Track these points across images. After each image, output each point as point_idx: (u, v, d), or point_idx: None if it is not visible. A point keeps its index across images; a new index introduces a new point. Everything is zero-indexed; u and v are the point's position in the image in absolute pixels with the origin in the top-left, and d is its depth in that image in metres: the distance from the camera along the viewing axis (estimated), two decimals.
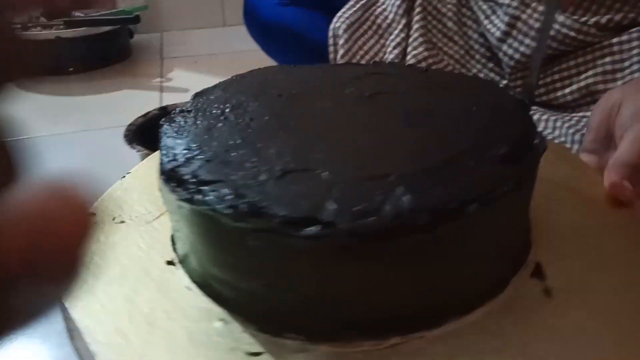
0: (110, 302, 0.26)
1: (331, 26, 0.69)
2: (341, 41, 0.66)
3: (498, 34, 0.62)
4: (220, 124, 0.28)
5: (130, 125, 0.65)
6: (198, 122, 0.29)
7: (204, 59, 1.26)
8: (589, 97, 0.57)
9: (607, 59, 0.56)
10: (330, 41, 0.68)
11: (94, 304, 0.25)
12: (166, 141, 0.27)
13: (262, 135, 0.27)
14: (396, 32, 0.69)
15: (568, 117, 0.58)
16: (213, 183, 0.23)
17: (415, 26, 0.69)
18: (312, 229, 0.21)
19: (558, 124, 0.56)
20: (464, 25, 0.70)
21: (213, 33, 1.43)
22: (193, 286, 0.27)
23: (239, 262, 0.24)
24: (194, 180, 0.24)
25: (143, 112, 0.71)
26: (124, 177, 0.35)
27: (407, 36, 0.69)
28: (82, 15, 1.17)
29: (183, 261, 0.28)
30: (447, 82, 0.33)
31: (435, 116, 0.30)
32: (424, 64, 0.65)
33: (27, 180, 0.10)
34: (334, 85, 0.33)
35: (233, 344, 0.23)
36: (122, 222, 0.31)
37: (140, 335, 0.24)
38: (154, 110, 0.70)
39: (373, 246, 0.21)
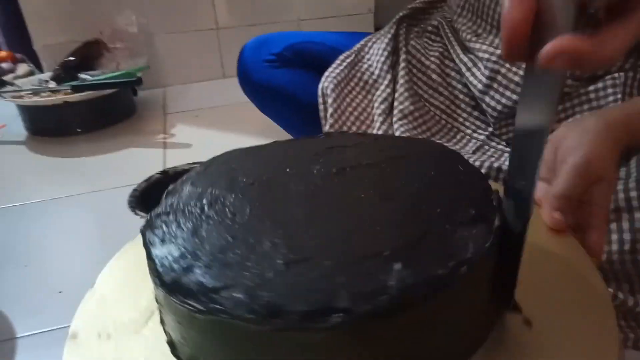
0: None
1: (320, 85, 0.72)
2: (330, 100, 0.69)
3: (480, 86, 0.65)
4: (204, 224, 0.28)
5: (134, 191, 0.68)
6: (181, 225, 0.28)
7: (205, 112, 1.30)
8: None
9: (585, 106, 0.58)
10: (320, 100, 0.70)
11: None
12: (155, 252, 0.27)
13: (251, 230, 0.28)
14: (382, 87, 0.72)
15: None
16: (223, 289, 0.24)
17: (401, 81, 0.71)
18: (333, 318, 0.22)
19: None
20: (447, 77, 0.72)
21: (213, 85, 1.48)
22: None
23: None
24: (202, 289, 0.24)
25: (148, 171, 0.74)
26: (93, 286, 0.34)
27: (394, 90, 0.72)
28: (88, 78, 1.23)
29: None
30: (401, 149, 0.36)
31: (403, 186, 0.31)
32: (410, 117, 0.68)
33: None
34: (299, 165, 0.34)
35: None
36: (109, 337, 0.30)
37: None
38: (156, 174, 0.73)
39: (384, 324, 0.23)
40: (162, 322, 0.30)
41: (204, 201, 0.30)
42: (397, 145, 0.37)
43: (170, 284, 0.25)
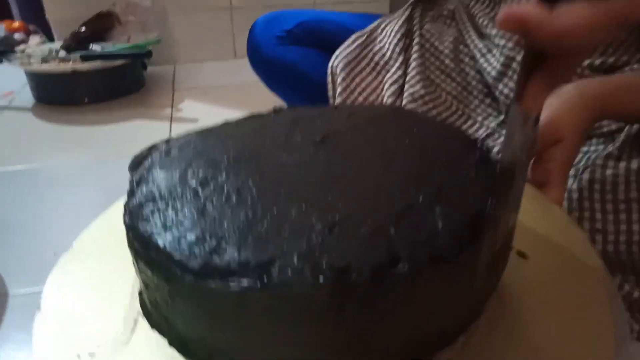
0: None
1: (330, 64, 0.70)
2: (339, 79, 0.68)
3: (494, 73, 0.63)
4: (209, 205, 0.25)
5: (135, 157, 0.67)
6: (178, 210, 0.25)
7: (214, 90, 1.29)
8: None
9: None
10: (329, 78, 0.69)
11: None
12: (161, 241, 0.23)
13: (268, 201, 0.25)
14: (393, 69, 0.70)
15: None
16: (272, 262, 0.21)
17: (413, 64, 0.70)
18: (400, 268, 0.21)
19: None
20: (461, 62, 0.71)
21: (224, 65, 1.47)
22: None
23: (320, 334, 0.22)
24: (246, 266, 0.21)
25: (152, 142, 0.73)
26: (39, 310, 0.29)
27: (405, 73, 0.70)
28: (98, 49, 1.22)
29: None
30: (373, 117, 0.35)
31: (398, 145, 0.31)
32: (420, 102, 0.66)
33: None
34: (274, 139, 0.32)
35: None
36: (92, 355, 0.25)
37: None
38: (160, 142, 0.72)
39: (440, 269, 0.22)
40: (156, 323, 0.26)
41: (192, 184, 0.27)
42: (367, 114, 0.36)
43: (199, 269, 0.22)
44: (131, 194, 0.27)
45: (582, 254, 0.31)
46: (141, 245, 0.24)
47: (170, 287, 0.23)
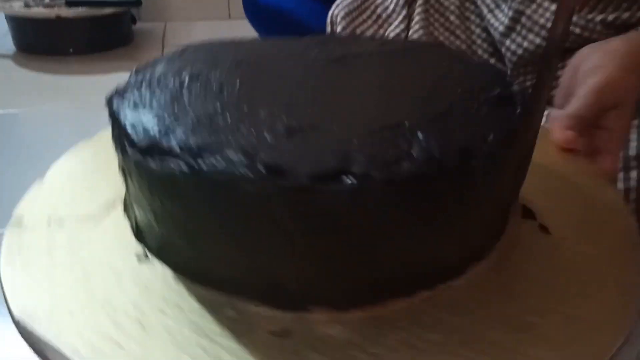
0: (82, 310, 0.21)
1: (330, 12, 0.67)
2: (339, 28, 0.65)
3: (501, 28, 0.61)
4: (186, 94, 0.25)
5: (115, 89, 0.64)
6: (156, 95, 0.25)
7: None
8: None
9: None
10: (328, 28, 0.66)
11: (62, 313, 0.21)
12: (126, 116, 0.23)
13: (244, 101, 0.24)
14: (396, 22, 0.67)
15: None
16: (213, 149, 0.20)
17: (416, 18, 0.67)
18: (348, 182, 0.18)
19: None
20: (466, 20, 0.68)
21: (217, 25, 1.42)
22: (182, 278, 0.23)
23: (257, 235, 0.20)
24: (188, 149, 0.20)
25: None
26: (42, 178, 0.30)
27: (407, 28, 0.67)
28: None
29: (160, 253, 0.24)
30: (409, 47, 0.32)
31: (416, 72, 0.28)
32: None
33: None
34: (292, 51, 0.31)
35: (251, 327, 0.20)
36: (61, 225, 0.26)
37: (134, 338, 0.20)
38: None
39: (407, 195, 0.20)
40: (126, 207, 0.27)
41: (183, 76, 0.26)
42: (401, 44, 0.34)
43: (146, 147, 0.21)
44: (128, 80, 0.27)
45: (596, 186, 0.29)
46: (111, 120, 0.24)
47: (126, 166, 0.23)
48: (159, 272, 0.23)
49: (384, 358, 0.19)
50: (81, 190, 0.29)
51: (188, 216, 0.22)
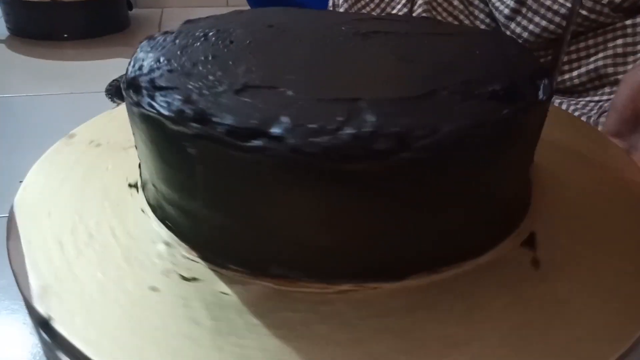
0: (58, 212, 0.25)
1: None
2: (341, 9, 0.63)
3: (507, 11, 0.60)
4: (197, 44, 0.27)
5: (114, 80, 0.62)
6: (177, 41, 0.28)
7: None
8: (597, 81, 0.54)
9: (619, 41, 0.53)
10: (330, 9, 0.65)
11: (42, 212, 0.25)
12: (138, 54, 0.26)
13: (237, 55, 0.26)
14: (399, 6, 0.66)
15: (574, 102, 0.55)
16: (167, 89, 0.22)
17: (420, 1, 0.66)
18: (257, 142, 0.19)
19: (564, 106, 0.54)
20: (470, 5, 0.67)
21: (215, 12, 1.40)
22: (148, 209, 0.26)
23: (183, 177, 0.22)
24: (150, 86, 0.23)
25: None
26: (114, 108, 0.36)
27: (411, 11, 0.66)
28: None
29: (144, 185, 0.27)
30: (453, 29, 0.31)
31: (430, 54, 0.27)
32: None
33: None
34: (331, 24, 0.31)
35: (170, 266, 0.21)
36: (99, 145, 0.32)
37: (77, 246, 0.23)
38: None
39: (325, 169, 0.19)
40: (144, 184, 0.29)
41: (213, 29, 0.29)
42: (450, 27, 0.33)
43: (129, 80, 0.24)
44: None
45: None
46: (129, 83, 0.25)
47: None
48: (134, 201, 0.27)
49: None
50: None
51: (144, 150, 0.25)
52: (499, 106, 0.21)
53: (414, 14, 0.66)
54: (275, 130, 0.19)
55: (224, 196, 0.22)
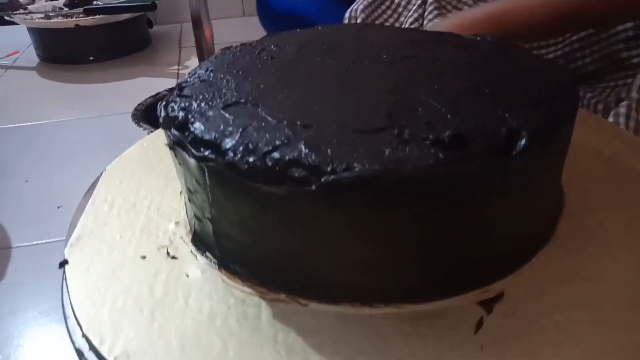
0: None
1: (350, 7, 0.66)
2: (359, 21, 0.64)
3: None
4: (247, 57, 0.29)
5: (139, 105, 0.64)
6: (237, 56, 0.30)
7: (222, 47, 1.25)
8: (612, 65, 0.53)
9: (629, 24, 0.51)
10: (346, 22, 0.65)
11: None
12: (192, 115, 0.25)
13: (259, 71, 0.27)
14: (414, 8, 0.66)
15: (590, 88, 0.53)
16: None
17: (431, 7, 0.65)
18: (207, 152, 0.21)
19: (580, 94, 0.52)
20: (480, 1, 0.66)
21: (232, 23, 1.42)
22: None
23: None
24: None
25: None
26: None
27: (422, 16, 0.66)
28: (101, 3, 1.18)
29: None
30: (489, 49, 0.29)
31: (436, 84, 0.24)
32: None
33: None
34: (382, 46, 0.29)
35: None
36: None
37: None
38: (164, 91, 0.69)
39: (251, 187, 0.21)
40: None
41: (271, 45, 0.31)
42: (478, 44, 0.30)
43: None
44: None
45: None
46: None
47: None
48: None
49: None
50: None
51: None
52: (438, 155, 0.19)
53: (426, 12, 0.65)
54: (225, 145, 0.21)
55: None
